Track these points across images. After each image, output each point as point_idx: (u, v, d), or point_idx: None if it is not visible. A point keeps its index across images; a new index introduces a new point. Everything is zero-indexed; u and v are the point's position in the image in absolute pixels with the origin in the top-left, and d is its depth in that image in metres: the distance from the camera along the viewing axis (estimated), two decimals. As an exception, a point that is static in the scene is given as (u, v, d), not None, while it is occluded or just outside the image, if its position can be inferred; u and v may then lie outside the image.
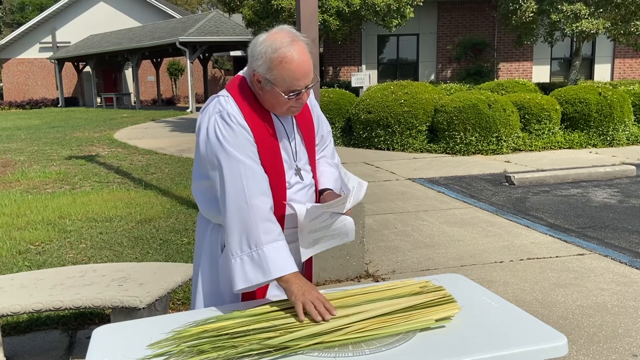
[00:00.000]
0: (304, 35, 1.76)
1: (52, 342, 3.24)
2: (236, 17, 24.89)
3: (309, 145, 1.95)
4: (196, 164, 1.88)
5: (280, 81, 1.71)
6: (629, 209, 6.20)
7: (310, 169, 1.95)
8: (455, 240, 5.10)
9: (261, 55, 1.71)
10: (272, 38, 1.71)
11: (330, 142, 2.10)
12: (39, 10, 38.95)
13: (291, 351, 1.49)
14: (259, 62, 1.71)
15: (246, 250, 1.71)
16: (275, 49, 1.69)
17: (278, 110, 1.81)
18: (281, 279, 1.69)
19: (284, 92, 1.73)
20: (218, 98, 1.81)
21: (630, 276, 4.15)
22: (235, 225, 1.72)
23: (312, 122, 1.98)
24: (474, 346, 1.52)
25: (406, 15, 13.97)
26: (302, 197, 1.89)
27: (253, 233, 1.70)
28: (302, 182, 1.90)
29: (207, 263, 1.94)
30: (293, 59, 1.69)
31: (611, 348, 3.06)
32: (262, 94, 1.78)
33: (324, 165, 2.04)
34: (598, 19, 12.92)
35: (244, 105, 1.78)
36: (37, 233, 5.37)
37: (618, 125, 10.88)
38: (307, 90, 1.78)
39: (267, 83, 1.73)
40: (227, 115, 1.75)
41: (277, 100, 1.76)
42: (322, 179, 2.00)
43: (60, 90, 30.51)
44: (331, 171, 2.03)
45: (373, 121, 10.91)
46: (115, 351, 1.54)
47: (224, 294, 1.91)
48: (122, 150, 11.76)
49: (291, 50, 1.69)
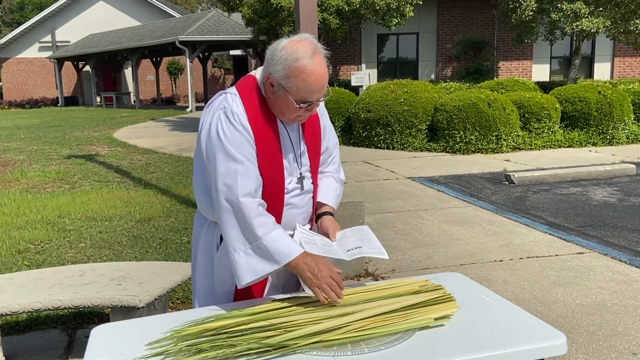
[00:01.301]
0: (324, 47, 1.76)
1: (51, 342, 3.24)
2: (236, 16, 24.83)
3: (313, 153, 1.94)
4: (196, 158, 1.89)
5: (295, 90, 1.71)
6: (629, 207, 6.20)
7: (311, 177, 1.94)
8: (454, 239, 5.10)
9: (281, 61, 1.69)
10: (294, 46, 1.70)
11: (336, 155, 2.09)
12: (39, 10, 38.93)
13: (290, 350, 1.49)
14: (277, 67, 1.70)
15: (247, 245, 1.72)
16: (297, 58, 1.68)
17: (285, 116, 1.80)
18: (289, 264, 1.70)
19: (295, 101, 1.72)
20: (225, 95, 1.80)
21: (629, 275, 4.15)
22: (231, 221, 1.72)
23: (319, 131, 1.97)
24: (473, 345, 1.51)
25: (406, 14, 13.96)
26: (300, 202, 1.89)
27: (250, 228, 1.71)
28: (302, 189, 1.90)
29: (202, 261, 1.94)
30: (312, 72, 1.69)
31: (611, 346, 3.06)
32: (272, 97, 1.77)
33: (329, 177, 2.04)
34: (598, 18, 12.91)
35: (251, 106, 1.78)
36: (37, 232, 5.37)
37: (618, 124, 10.88)
38: (318, 102, 1.78)
39: (281, 89, 1.72)
40: (231, 113, 1.75)
41: (287, 107, 1.76)
42: (324, 190, 2.00)
43: (59, 89, 30.50)
44: (335, 187, 2.03)
45: (373, 120, 10.90)
46: (114, 350, 1.54)
47: (218, 292, 1.91)
48: (121, 149, 11.75)
49: (312, 62, 1.69)
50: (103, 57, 28.32)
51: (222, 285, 1.89)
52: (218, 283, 1.90)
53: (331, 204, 2.00)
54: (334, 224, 1.95)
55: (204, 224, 1.94)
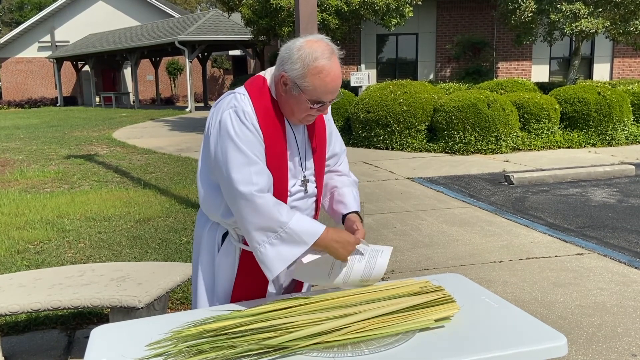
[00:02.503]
0: (338, 48, 1.77)
1: (51, 342, 3.24)
2: (235, 17, 24.84)
3: (318, 158, 1.94)
4: (203, 158, 1.87)
5: (311, 90, 1.71)
6: (628, 208, 6.20)
7: (315, 181, 1.94)
8: (454, 240, 5.10)
9: (299, 60, 1.69)
10: (312, 46, 1.70)
11: (345, 159, 2.11)
12: (38, 9, 38.90)
13: (290, 351, 1.49)
14: (294, 65, 1.70)
15: (271, 235, 1.72)
16: (316, 58, 1.69)
17: (296, 116, 1.80)
18: (316, 243, 1.73)
19: (309, 100, 1.73)
20: (234, 94, 1.80)
21: (629, 276, 4.15)
22: (250, 216, 1.72)
23: (325, 135, 1.98)
24: (474, 346, 1.51)
25: (405, 14, 13.96)
26: (302, 205, 1.90)
27: (272, 217, 1.71)
28: (306, 192, 1.90)
29: (204, 261, 1.94)
30: (330, 72, 1.70)
31: (610, 348, 3.06)
32: (284, 96, 1.77)
33: (343, 179, 2.06)
34: (597, 19, 12.92)
35: (260, 106, 1.77)
36: (36, 232, 5.36)
37: (617, 125, 10.88)
38: (330, 103, 1.79)
39: (296, 88, 1.72)
40: (242, 112, 1.74)
41: (298, 107, 1.76)
42: (348, 200, 2.00)
43: (59, 89, 30.48)
44: (352, 192, 2.03)
45: (372, 120, 10.90)
46: (114, 351, 1.53)
47: (219, 292, 1.91)
48: (121, 149, 11.74)
49: (330, 63, 1.70)
50: (102, 57, 28.31)
51: (222, 285, 1.89)
52: (219, 283, 1.90)
53: (355, 209, 2.01)
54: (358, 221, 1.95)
55: (205, 224, 1.93)
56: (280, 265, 1.73)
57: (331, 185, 2.04)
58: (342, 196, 2.01)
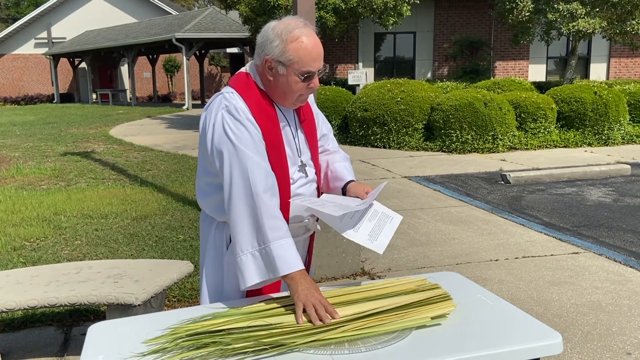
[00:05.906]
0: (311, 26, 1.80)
1: (47, 339, 3.23)
2: (233, 14, 24.78)
3: (312, 140, 1.96)
4: (201, 162, 1.86)
5: (296, 61, 1.72)
6: (624, 207, 6.23)
7: (313, 164, 1.95)
8: (450, 238, 5.11)
9: (276, 37, 1.72)
10: (285, 22, 1.74)
11: (332, 138, 2.12)
12: (34, 6, 38.75)
13: (287, 349, 1.49)
14: (273, 44, 1.72)
15: (255, 247, 1.69)
16: (291, 29, 1.72)
17: (289, 99, 1.80)
18: (287, 276, 1.67)
19: (298, 74, 1.73)
20: (222, 95, 1.79)
21: (624, 275, 4.17)
22: (243, 222, 1.70)
23: (313, 118, 2.00)
24: (470, 344, 1.52)
25: (403, 13, 13.96)
26: (306, 191, 1.90)
27: (261, 230, 1.68)
28: (306, 177, 1.90)
29: (211, 260, 1.92)
30: (309, 38, 1.73)
31: (605, 346, 3.08)
32: (273, 81, 1.77)
33: (335, 156, 2.06)
34: (594, 19, 12.95)
35: (251, 100, 1.77)
36: (32, 229, 5.35)
37: (613, 125, 10.91)
38: (318, 75, 1.79)
39: (281, 66, 1.73)
40: (235, 109, 1.74)
41: (289, 86, 1.76)
42: (342, 173, 2.01)
43: (55, 86, 30.37)
44: (345, 165, 2.05)
45: (369, 119, 10.91)
46: (111, 348, 1.53)
47: (228, 290, 1.90)
48: (117, 146, 11.72)
49: (305, 31, 1.73)
50: (99, 54, 28.22)
51: (231, 283, 1.87)
52: (227, 281, 1.89)
53: (352, 178, 2.02)
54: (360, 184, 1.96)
55: (211, 225, 1.92)
56: (255, 279, 1.70)
57: (325, 165, 2.06)
58: (336, 172, 2.02)
